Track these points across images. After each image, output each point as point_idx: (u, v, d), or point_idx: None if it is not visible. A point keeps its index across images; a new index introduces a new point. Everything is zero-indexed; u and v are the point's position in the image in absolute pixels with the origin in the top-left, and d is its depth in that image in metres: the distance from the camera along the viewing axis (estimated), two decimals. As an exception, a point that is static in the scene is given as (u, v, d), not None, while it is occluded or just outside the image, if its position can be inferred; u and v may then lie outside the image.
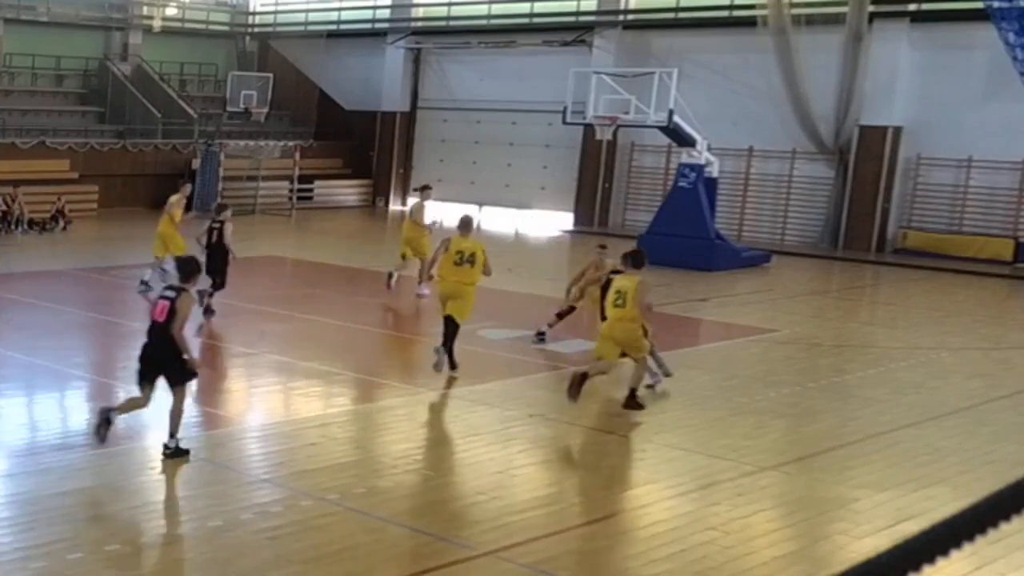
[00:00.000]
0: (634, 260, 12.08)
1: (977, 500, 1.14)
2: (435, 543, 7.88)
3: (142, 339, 9.77)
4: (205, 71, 38.44)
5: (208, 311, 16.02)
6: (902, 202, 27.18)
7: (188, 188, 19.58)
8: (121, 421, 11.13)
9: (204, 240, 16.52)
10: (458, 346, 12.96)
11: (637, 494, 9.14)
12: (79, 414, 11.59)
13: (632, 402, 11.67)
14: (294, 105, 37.99)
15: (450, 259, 13.19)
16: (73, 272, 20.95)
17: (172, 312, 9.54)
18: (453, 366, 12.96)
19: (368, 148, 37.00)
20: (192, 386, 10.18)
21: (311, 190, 35.18)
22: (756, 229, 29.09)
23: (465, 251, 13.25)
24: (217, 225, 16.60)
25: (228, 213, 16.88)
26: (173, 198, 18.69)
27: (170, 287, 10.04)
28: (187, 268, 10.17)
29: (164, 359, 9.63)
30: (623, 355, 11.90)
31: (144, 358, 9.75)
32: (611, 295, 11.86)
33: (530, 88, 32.77)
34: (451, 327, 13.04)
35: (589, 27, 31.81)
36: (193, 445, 10.08)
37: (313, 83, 37.97)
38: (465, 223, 14.01)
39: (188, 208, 19.64)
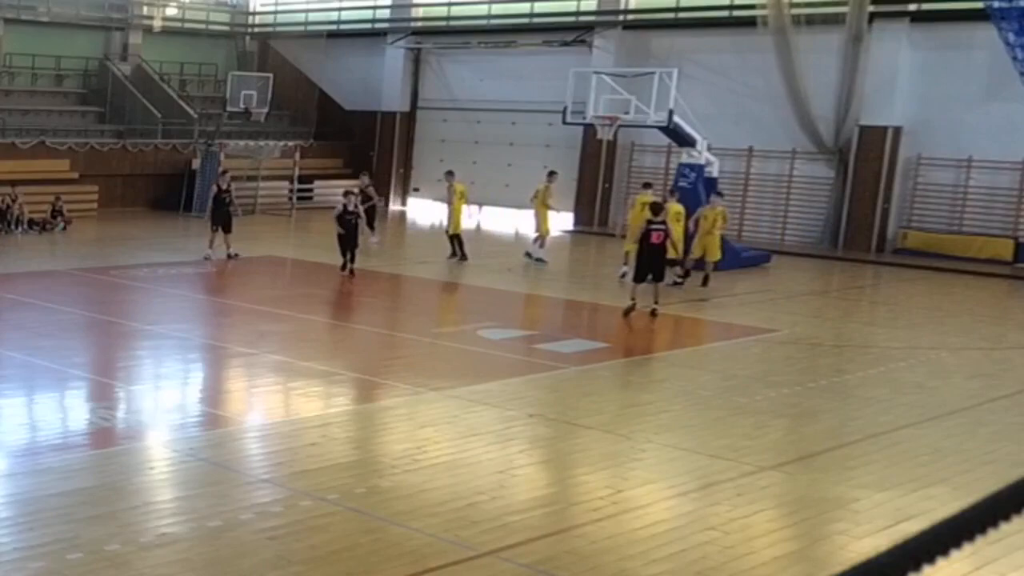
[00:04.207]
0: None
1: (977, 500, 1.13)
2: (435, 543, 7.87)
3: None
4: (205, 71, 38.42)
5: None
6: (902, 202, 27.16)
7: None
8: (121, 421, 11.17)
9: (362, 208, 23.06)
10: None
11: (637, 494, 9.13)
12: (79, 414, 11.60)
13: None
14: (294, 105, 37.96)
15: (673, 218, 19.97)
16: (73, 272, 20.94)
17: (666, 236, 17.11)
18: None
19: (368, 148, 36.98)
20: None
21: (311, 190, 35.14)
22: (756, 229, 29.07)
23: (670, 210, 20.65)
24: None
25: (373, 192, 25.50)
26: None
27: (654, 220, 17.15)
28: (659, 207, 17.53)
29: (657, 266, 17.15)
30: None
31: (644, 266, 17.14)
32: None
33: (530, 88, 32.75)
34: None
35: (589, 27, 31.80)
36: (193, 445, 10.11)
37: (313, 83, 37.93)
38: (672, 190, 22.35)
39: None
